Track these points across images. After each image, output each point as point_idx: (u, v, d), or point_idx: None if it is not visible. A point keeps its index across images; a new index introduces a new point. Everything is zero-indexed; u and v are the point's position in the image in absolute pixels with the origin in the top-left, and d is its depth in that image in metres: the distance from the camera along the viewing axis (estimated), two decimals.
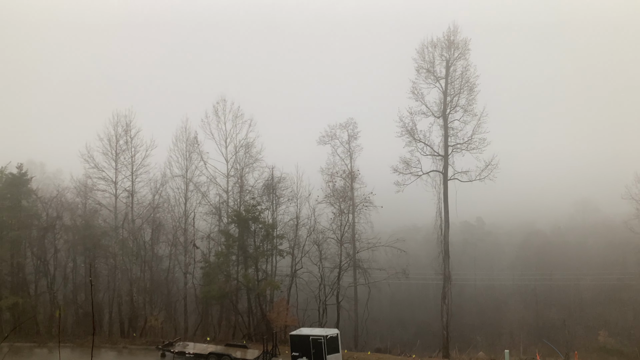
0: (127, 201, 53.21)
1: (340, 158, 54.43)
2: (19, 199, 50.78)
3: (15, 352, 39.59)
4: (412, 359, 40.18)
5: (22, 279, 51.03)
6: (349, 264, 51.65)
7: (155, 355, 39.43)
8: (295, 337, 36.30)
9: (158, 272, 52.78)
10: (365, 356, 40.90)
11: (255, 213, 49.19)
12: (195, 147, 54.11)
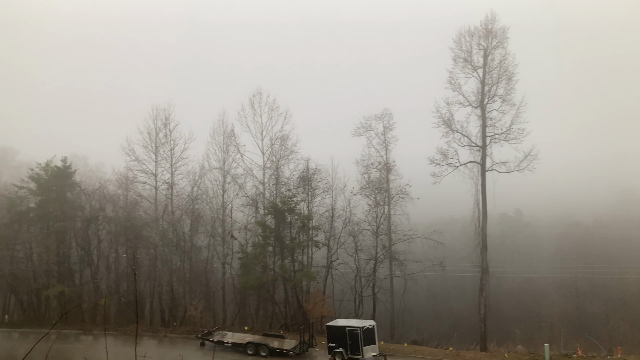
0: (167, 193, 54.40)
1: (376, 149, 54.23)
2: (64, 191, 52.53)
3: (63, 339, 41.11)
4: (449, 351, 39.94)
5: (67, 269, 52.90)
6: (385, 255, 51.60)
7: (195, 344, 40.34)
8: (331, 328, 36.58)
9: (197, 262, 53.89)
10: (402, 348, 40.89)
11: (291, 205, 49.59)
12: (232, 139, 54.79)
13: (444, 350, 40.46)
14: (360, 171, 53.01)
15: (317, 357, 37.44)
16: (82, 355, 35.65)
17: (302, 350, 36.76)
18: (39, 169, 52.12)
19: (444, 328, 61.67)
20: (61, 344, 39.44)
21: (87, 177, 66.90)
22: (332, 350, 36.00)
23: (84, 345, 40.96)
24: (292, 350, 36.32)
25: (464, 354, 38.88)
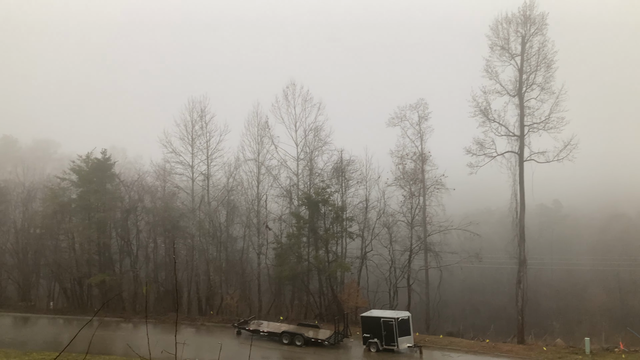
0: (203, 184, 55.24)
1: (411, 140, 53.68)
2: (104, 182, 53.91)
3: (105, 326, 42.38)
4: (486, 343, 39.50)
5: (108, 258, 54.41)
6: (420, 247, 51.23)
7: (231, 332, 40.98)
8: (366, 319, 36.66)
9: (233, 252, 54.67)
10: (437, 339, 40.65)
11: (325, 196, 49.67)
12: (266, 131, 55.18)
13: (481, 343, 40.05)
14: (395, 162, 52.65)
15: (351, 347, 37.57)
16: (123, 342, 36.68)
17: (337, 340, 36.95)
18: (80, 162, 53.60)
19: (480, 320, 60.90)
20: (103, 331, 40.66)
21: (126, 169, 68.51)
22: (366, 340, 36.12)
23: (124, 332, 42.08)
24: (327, 340, 36.55)
25: (501, 347, 38.40)
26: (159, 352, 7.27)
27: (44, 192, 57.24)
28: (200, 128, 55.60)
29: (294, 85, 54.88)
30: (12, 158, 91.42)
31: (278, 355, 34.93)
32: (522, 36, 44.73)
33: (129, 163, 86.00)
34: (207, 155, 55.41)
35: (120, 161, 70.74)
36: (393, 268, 50.73)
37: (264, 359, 33.48)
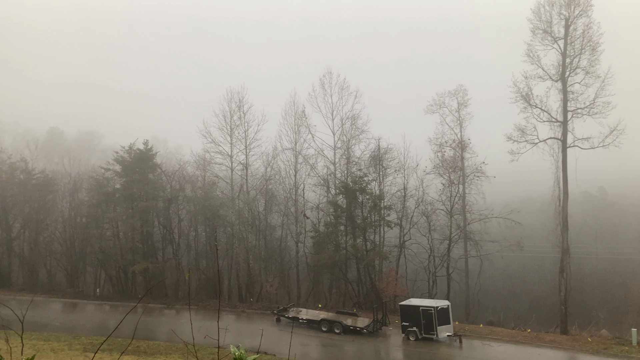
0: (242, 173, 55.97)
1: (450, 127, 52.99)
2: (146, 172, 55.23)
3: (149, 312, 43.64)
4: (527, 333, 38.87)
5: (151, 247, 55.86)
6: (460, 235, 50.65)
7: (271, 319, 41.59)
8: (405, 307, 36.60)
9: (271, 240, 55.31)
10: (477, 329, 40.24)
11: (362, 184, 49.56)
12: (303, 120, 55.34)
13: (522, 332, 39.44)
14: (434, 150, 52.06)
15: (390, 335, 37.61)
16: (167, 327, 37.71)
17: (376, 328, 37.04)
18: (123, 152, 55.02)
19: (521, 310, 59.94)
20: (147, 317, 41.89)
21: (167, 159, 70.03)
22: (405, 329, 36.09)
23: (167, 318, 43.26)
24: (366, 328, 36.67)
25: (543, 337, 37.72)
26: (201, 337, 7.47)
27: (89, 182, 59.16)
28: (238, 118, 56.30)
29: (331, 74, 54.88)
30: (58, 149, 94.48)
31: (317, 343, 35.27)
32: (565, 19, 43.28)
33: (170, 153, 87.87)
34: (246, 144, 56.09)
35: (162, 151, 72.31)
36: (432, 257, 50.35)
37: (303, 346, 33.84)
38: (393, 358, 33.83)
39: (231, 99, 56.20)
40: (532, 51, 44.33)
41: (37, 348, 28.16)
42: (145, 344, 32.07)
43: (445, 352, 33.36)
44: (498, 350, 33.77)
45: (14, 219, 60.46)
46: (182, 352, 29.83)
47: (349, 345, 35.06)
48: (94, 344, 31.57)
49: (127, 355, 28.79)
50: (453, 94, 52.88)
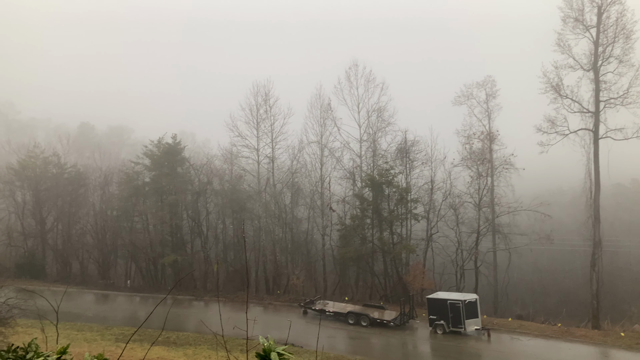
0: (268, 167, 56.33)
1: (478, 119, 52.33)
2: (175, 166, 56.05)
3: (178, 304, 44.37)
4: (558, 328, 38.26)
5: (180, 239, 56.72)
6: (488, 228, 50.03)
7: (297, 311, 41.87)
8: (432, 301, 36.44)
9: (298, 233, 55.55)
10: (506, 322, 39.79)
11: (389, 177, 49.29)
12: (329, 113, 55.34)
13: (552, 327, 38.85)
14: (461, 142, 51.50)
15: (417, 328, 37.48)
16: (196, 318, 38.30)
17: (403, 321, 36.97)
18: (152, 146, 55.90)
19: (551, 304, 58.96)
20: (176, 308, 42.60)
21: (195, 152, 70.80)
22: (433, 322, 35.94)
23: (196, 310, 43.91)
24: (393, 321, 36.62)
25: (574, 331, 37.09)
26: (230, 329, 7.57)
27: (119, 176, 60.31)
28: (264, 112, 56.62)
29: (357, 66, 54.67)
30: (89, 144, 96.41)
31: (344, 335, 35.38)
32: (598, 6, 42.22)
33: (198, 147, 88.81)
34: (272, 138, 56.38)
35: (190, 145, 73.20)
36: (460, 250, 49.90)
37: (330, 338, 33.99)
38: (420, 351, 33.72)
39: (257, 93, 56.60)
40: (562, 40, 43.44)
41: (71, 338, 28.89)
42: (175, 335, 32.64)
43: (473, 345, 33.11)
44: (527, 344, 33.36)
45: (47, 212, 62.00)
46: (211, 343, 30.28)
47: (376, 338, 35.09)
48: (125, 334, 32.26)
49: (157, 345, 29.36)
50: (481, 85, 52.21)
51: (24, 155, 62.60)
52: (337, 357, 28.68)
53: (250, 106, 56.52)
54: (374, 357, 29.69)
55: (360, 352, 30.71)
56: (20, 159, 62.01)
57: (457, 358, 30.17)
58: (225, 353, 17.52)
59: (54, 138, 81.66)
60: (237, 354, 5.38)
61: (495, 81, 52.08)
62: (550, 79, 43.98)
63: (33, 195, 61.15)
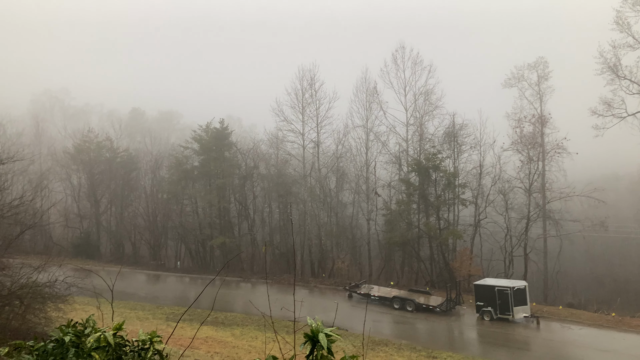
0: (314, 151, 56.52)
1: (529, 101, 50.73)
2: (223, 150, 57.02)
3: (226, 286, 45.37)
4: (611, 317, 37.04)
5: (227, 222, 57.84)
6: (538, 214, 48.70)
7: (343, 295, 42.09)
8: (480, 287, 35.91)
9: (343, 218, 55.67)
10: (557, 310, 38.83)
11: (436, 162, 48.57)
12: (374, 97, 54.88)
13: (605, 316, 37.64)
14: (512, 125, 50.14)
15: (464, 315, 37.07)
16: (243, 299, 39.11)
17: (449, 307, 36.63)
18: (200, 131, 57.01)
19: (604, 293, 57.07)
20: (224, 289, 43.55)
21: (242, 137, 71.68)
22: (480, 309, 35.45)
23: (243, 291, 44.78)
24: (439, 307, 36.34)
25: (629, 321, 35.81)
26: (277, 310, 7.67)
27: (169, 160, 61.89)
28: (310, 96, 56.64)
29: (404, 48, 53.83)
30: (141, 129, 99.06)
31: (389, 320, 35.38)
32: None
33: (245, 132, 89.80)
34: (317, 122, 56.42)
35: (237, 130, 74.04)
36: (509, 236, 48.85)
37: (375, 322, 34.08)
38: (467, 337, 33.38)
39: (303, 77, 56.63)
40: (621, 18, 41.47)
41: (124, 315, 30.05)
42: (223, 315, 33.45)
43: (521, 333, 32.51)
44: (579, 333, 32.47)
45: (101, 194, 64.37)
46: (258, 324, 30.87)
47: (421, 323, 34.93)
48: (175, 313, 33.28)
49: (206, 325, 30.17)
50: (533, 66, 50.48)
51: (79, 139, 65.00)
52: (383, 341, 28.74)
53: (295, 90, 56.75)
54: (419, 342, 29.59)
55: (405, 337, 30.67)
56: (76, 143, 64.46)
57: (505, 345, 29.70)
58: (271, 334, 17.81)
59: (106, 123, 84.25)
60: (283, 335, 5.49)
61: (547, 62, 50.29)
62: (607, 59, 42.25)
63: (88, 178, 63.56)
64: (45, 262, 17.69)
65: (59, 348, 4.24)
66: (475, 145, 50.31)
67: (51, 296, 16.45)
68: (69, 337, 4.28)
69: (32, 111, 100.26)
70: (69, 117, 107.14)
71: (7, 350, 4.17)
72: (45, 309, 16.55)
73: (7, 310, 15.60)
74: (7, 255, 17.36)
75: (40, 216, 46.64)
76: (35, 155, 53.63)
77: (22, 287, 15.65)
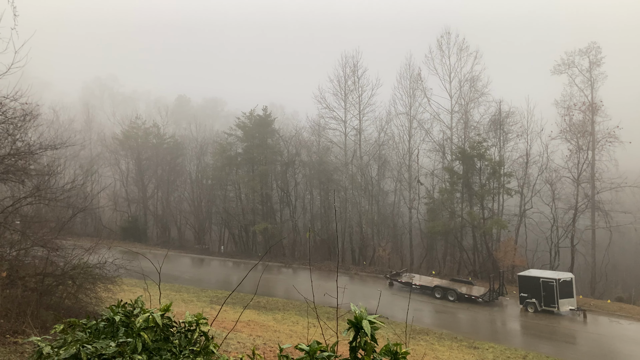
0: (355, 139, 56.37)
1: (579, 88, 49.04)
2: (265, 137, 57.58)
3: (268, 271, 46.06)
4: None
5: (270, 208, 58.56)
6: (587, 205, 47.25)
7: (383, 283, 42.07)
8: (524, 278, 35.25)
9: (384, 206, 55.47)
10: (604, 304, 37.73)
11: (481, 150, 47.65)
12: (418, 83, 54.20)
13: None
14: (561, 113, 48.69)
15: (507, 306, 36.48)
16: (284, 284, 39.62)
17: (492, 298, 36.11)
18: (244, 118, 57.69)
19: None
20: (266, 274, 44.21)
21: (284, 124, 72.21)
22: (524, 300, 34.83)
23: (285, 276, 45.34)
24: (481, 297, 35.88)
25: None
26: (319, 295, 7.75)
27: (214, 147, 62.96)
28: (352, 83, 56.39)
29: (449, 34, 52.90)
30: (186, 116, 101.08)
31: (430, 309, 35.18)
32: None
33: (287, 119, 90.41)
34: (359, 109, 56.18)
35: (279, 117, 74.61)
36: (555, 227, 47.63)
37: (416, 311, 33.94)
38: (510, 328, 32.85)
39: (345, 64, 56.39)
40: None
41: (170, 298, 30.93)
42: (265, 299, 33.98)
43: (567, 326, 31.75)
44: (628, 328, 31.49)
45: (148, 179, 66.14)
46: (299, 309, 31.24)
47: (463, 313, 34.58)
48: (219, 297, 34.02)
49: (249, 309, 30.73)
50: (584, 52, 48.70)
51: (127, 126, 66.82)
52: (424, 330, 28.64)
53: (338, 77, 56.59)
54: (460, 332, 29.32)
55: (447, 327, 30.44)
56: (124, 129, 66.31)
57: (550, 338, 29.08)
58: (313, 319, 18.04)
59: (154, 110, 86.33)
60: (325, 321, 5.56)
61: (600, 48, 48.43)
62: None
63: (135, 163, 65.38)
64: (96, 244, 18.37)
65: (110, 327, 4.45)
66: (522, 133, 49.20)
67: (101, 277, 17.07)
68: (119, 317, 4.49)
69: (82, 98, 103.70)
70: (117, 104, 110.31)
71: (62, 327, 4.39)
72: (96, 289, 17.19)
73: (60, 289, 16.29)
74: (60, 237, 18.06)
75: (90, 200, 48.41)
76: (85, 141, 55.43)
77: (74, 267, 16.30)
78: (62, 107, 66.59)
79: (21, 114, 15.01)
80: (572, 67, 49.12)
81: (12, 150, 15.30)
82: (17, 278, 14.86)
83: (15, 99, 14.29)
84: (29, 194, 16.35)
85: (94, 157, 65.29)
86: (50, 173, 19.00)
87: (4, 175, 15.03)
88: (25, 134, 16.16)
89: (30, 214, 18.55)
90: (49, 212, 21.46)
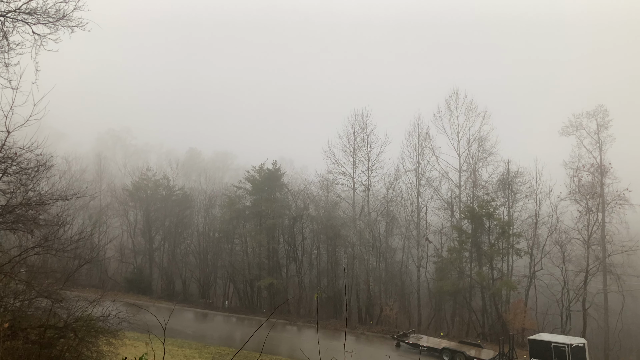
0: (364, 194, 56.39)
1: (587, 150, 49.25)
2: (274, 191, 57.86)
3: (272, 328, 45.17)
4: None
5: (276, 263, 58.06)
6: (598, 268, 46.45)
7: (390, 344, 41.04)
8: (535, 342, 34.33)
9: (392, 263, 54.85)
10: None
11: (490, 209, 47.47)
12: (427, 142, 54.70)
13: None
14: (569, 174, 48.67)
15: None
16: (288, 343, 38.72)
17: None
18: (253, 172, 58.16)
19: None
20: (271, 331, 43.31)
21: (293, 179, 72.59)
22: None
23: (289, 334, 44.42)
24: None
25: None
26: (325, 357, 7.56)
27: (222, 199, 63.16)
28: (361, 140, 56.95)
29: (457, 94, 53.82)
30: (196, 168, 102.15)
31: None
32: None
33: (296, 173, 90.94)
34: (368, 166, 56.48)
35: (288, 171, 75.23)
36: (566, 289, 46.69)
37: None
38: None
39: (355, 121, 57.15)
40: None
41: (172, 353, 30.32)
42: (269, 358, 33.17)
43: None
44: None
45: (155, 231, 66.09)
46: None
47: None
48: (222, 354, 33.29)
49: None
50: (592, 114, 49.23)
51: (138, 177, 67.45)
52: None
53: (347, 134, 57.25)
54: None
55: None
56: (134, 180, 66.90)
57: None
58: None
59: (164, 162, 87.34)
60: None
61: (607, 110, 48.96)
62: None
63: (144, 215, 65.52)
64: (100, 296, 18.19)
65: None
66: (530, 193, 49.14)
67: (103, 330, 16.82)
68: None
69: (96, 149, 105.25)
70: (129, 155, 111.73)
71: None
72: (98, 343, 16.91)
73: (62, 342, 16.00)
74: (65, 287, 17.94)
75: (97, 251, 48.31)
76: (96, 192, 55.88)
77: (77, 320, 16.06)
78: (75, 158, 67.60)
79: (35, 165, 15.20)
80: (580, 129, 49.56)
81: (23, 200, 15.43)
82: (19, 329, 14.66)
83: (31, 150, 14.50)
84: (37, 244, 16.37)
85: (103, 208, 65.59)
86: (60, 223, 19.06)
87: (13, 225, 15.11)
88: (37, 184, 16.33)
89: (37, 264, 18.51)
90: (56, 262, 21.42)
